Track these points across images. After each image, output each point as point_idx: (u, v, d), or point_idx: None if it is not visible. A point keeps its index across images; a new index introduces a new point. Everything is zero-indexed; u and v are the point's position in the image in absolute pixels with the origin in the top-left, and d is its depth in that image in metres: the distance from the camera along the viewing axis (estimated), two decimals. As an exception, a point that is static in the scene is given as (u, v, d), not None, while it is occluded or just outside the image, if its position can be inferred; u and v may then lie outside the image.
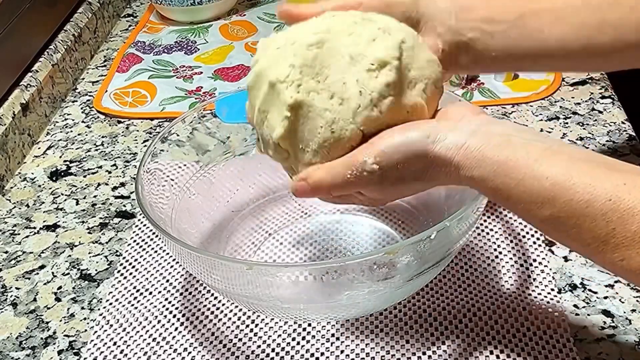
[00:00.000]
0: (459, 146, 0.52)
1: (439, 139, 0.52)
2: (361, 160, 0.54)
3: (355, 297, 0.62)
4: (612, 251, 0.46)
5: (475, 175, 0.51)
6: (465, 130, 0.53)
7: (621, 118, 0.90)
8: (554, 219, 0.48)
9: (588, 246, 0.48)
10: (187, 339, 0.68)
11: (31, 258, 0.80)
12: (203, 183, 0.78)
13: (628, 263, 0.46)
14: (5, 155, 0.92)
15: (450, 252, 0.64)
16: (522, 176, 0.49)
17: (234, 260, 0.65)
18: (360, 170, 0.54)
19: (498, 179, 0.50)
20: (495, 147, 0.51)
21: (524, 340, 0.64)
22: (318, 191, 0.57)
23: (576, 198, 0.47)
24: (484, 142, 0.51)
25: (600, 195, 0.47)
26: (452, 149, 0.52)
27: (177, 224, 0.71)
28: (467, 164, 0.51)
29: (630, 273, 0.46)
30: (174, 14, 1.25)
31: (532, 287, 0.69)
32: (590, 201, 0.47)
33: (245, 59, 1.13)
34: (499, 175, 0.50)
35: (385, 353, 0.65)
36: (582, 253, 0.49)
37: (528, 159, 0.49)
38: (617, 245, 0.46)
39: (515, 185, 0.49)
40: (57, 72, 1.07)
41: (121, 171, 0.93)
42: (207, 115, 0.79)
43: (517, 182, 0.49)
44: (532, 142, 0.51)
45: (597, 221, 0.46)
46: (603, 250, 0.47)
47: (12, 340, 0.71)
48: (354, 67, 0.54)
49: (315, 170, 0.56)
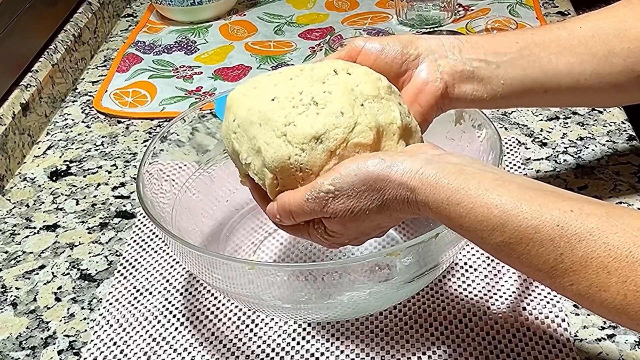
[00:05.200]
0: (415, 171, 0.53)
1: (395, 164, 0.54)
2: (319, 182, 0.56)
3: (355, 298, 0.62)
4: (562, 276, 0.47)
5: (430, 200, 0.52)
6: (421, 158, 0.54)
7: (621, 118, 0.91)
8: (504, 245, 0.49)
9: (539, 271, 0.48)
10: (187, 339, 0.68)
11: (31, 258, 0.80)
12: (203, 182, 0.78)
13: (577, 288, 0.47)
14: (5, 155, 0.92)
15: (451, 254, 0.64)
16: (473, 205, 0.50)
17: (234, 259, 0.65)
18: (317, 192, 0.56)
19: (451, 207, 0.51)
20: (449, 174, 0.52)
21: (524, 341, 0.64)
22: (283, 212, 0.59)
23: (524, 224, 0.48)
24: (439, 170, 0.52)
25: (548, 221, 0.48)
26: (407, 173, 0.53)
27: (177, 223, 0.71)
28: (423, 190, 0.52)
29: (580, 297, 0.47)
30: (174, 14, 1.25)
31: (532, 287, 0.69)
32: (539, 227, 0.48)
33: (245, 59, 1.13)
34: (452, 203, 0.51)
35: (385, 353, 0.65)
36: (535, 278, 0.50)
37: (479, 188, 0.50)
38: (565, 271, 0.47)
39: (467, 213, 0.50)
40: (57, 72, 1.07)
41: (121, 171, 0.92)
42: (207, 115, 0.79)
43: (468, 210, 0.50)
44: (484, 172, 0.52)
45: (545, 247, 0.47)
46: (553, 275, 0.48)
47: (12, 340, 0.70)
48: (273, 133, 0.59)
49: (282, 195, 0.59)
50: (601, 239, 0.46)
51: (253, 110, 0.60)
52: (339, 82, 0.60)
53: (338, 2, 1.28)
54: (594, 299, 0.47)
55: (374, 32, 1.08)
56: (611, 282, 0.45)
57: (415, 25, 1.16)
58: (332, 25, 1.20)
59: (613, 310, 0.46)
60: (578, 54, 0.66)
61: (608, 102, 0.82)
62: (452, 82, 0.64)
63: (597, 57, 0.66)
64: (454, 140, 0.74)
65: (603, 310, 0.47)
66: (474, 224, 0.50)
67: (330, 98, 0.58)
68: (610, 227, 0.46)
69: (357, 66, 0.62)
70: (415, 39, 0.65)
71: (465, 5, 1.20)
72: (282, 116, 0.58)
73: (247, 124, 0.60)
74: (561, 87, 0.67)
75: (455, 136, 0.73)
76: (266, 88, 0.61)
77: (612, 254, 0.46)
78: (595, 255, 0.46)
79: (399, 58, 0.64)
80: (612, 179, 0.81)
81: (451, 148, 0.74)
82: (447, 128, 0.74)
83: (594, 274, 0.46)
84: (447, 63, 0.64)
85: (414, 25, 1.16)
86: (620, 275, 0.45)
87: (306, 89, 0.59)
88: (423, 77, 0.64)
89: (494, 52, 0.65)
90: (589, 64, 0.66)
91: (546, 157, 0.85)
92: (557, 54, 0.66)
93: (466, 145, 0.72)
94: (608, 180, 0.81)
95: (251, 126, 0.60)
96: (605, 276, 0.46)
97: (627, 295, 0.45)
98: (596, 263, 0.46)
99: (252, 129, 0.59)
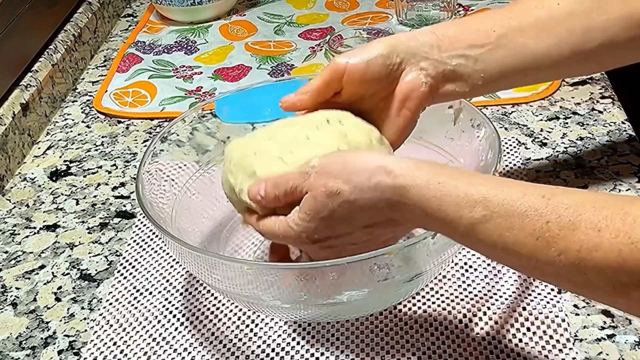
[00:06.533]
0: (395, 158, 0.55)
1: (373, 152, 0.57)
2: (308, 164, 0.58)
3: (355, 297, 0.62)
4: (549, 247, 0.46)
5: (408, 184, 0.52)
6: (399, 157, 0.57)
7: (621, 118, 0.91)
8: (486, 220, 0.49)
9: (524, 246, 0.47)
10: (187, 339, 0.68)
11: (31, 258, 0.80)
12: (203, 183, 0.78)
13: (566, 257, 0.46)
14: (5, 155, 0.92)
15: (451, 253, 0.64)
16: (455, 183, 0.51)
17: (234, 259, 0.65)
18: (303, 171, 0.57)
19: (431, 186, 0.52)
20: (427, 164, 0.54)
21: (524, 340, 0.64)
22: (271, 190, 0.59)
23: (508, 197, 0.48)
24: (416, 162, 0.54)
25: (532, 193, 0.48)
26: (387, 157, 0.56)
27: (177, 224, 0.71)
28: (402, 173, 0.53)
29: (571, 268, 0.46)
30: (174, 14, 1.25)
31: (532, 287, 0.69)
32: (523, 199, 0.48)
33: (245, 59, 1.13)
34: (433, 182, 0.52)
35: (385, 353, 0.65)
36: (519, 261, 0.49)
37: (461, 176, 0.52)
38: (552, 239, 0.46)
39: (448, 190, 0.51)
40: (57, 72, 1.07)
41: (121, 171, 0.93)
42: (207, 115, 0.79)
43: (450, 188, 0.51)
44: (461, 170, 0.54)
45: (530, 217, 0.47)
46: (539, 248, 0.47)
47: (12, 340, 0.71)
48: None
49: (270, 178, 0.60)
50: (590, 203, 0.46)
51: (249, 148, 0.63)
52: (332, 130, 0.62)
53: (338, 2, 1.28)
54: (586, 264, 0.45)
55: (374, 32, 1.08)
56: (603, 239, 0.44)
57: (415, 25, 1.15)
58: (332, 25, 1.20)
59: (609, 272, 0.44)
60: (556, 35, 0.65)
61: (591, 71, 0.88)
62: (436, 84, 0.65)
63: (576, 34, 0.65)
64: (453, 140, 0.74)
65: (599, 278, 0.45)
66: (455, 200, 0.50)
67: (325, 138, 0.61)
68: (598, 196, 0.46)
69: (349, 116, 0.64)
70: (396, 42, 0.65)
71: (465, 5, 1.20)
72: (278, 149, 0.61)
73: (242, 159, 0.63)
74: (541, 68, 0.67)
75: (454, 135, 0.73)
76: (262, 134, 0.64)
77: (602, 212, 0.45)
78: (584, 217, 0.45)
79: (385, 71, 0.64)
80: (612, 179, 0.80)
81: (450, 147, 0.74)
82: (446, 128, 0.74)
83: (583, 235, 0.45)
84: (429, 65, 0.64)
85: (414, 25, 1.16)
86: (612, 230, 0.44)
87: (300, 133, 0.62)
88: (408, 84, 0.64)
89: (472, 45, 0.65)
90: (566, 43, 0.65)
91: (546, 157, 0.85)
92: (535, 37, 0.65)
93: (465, 145, 0.72)
94: (608, 180, 0.81)
95: (246, 159, 0.62)
96: (596, 235, 0.44)
97: (621, 250, 0.44)
98: (585, 224, 0.45)
99: (247, 160, 0.62)
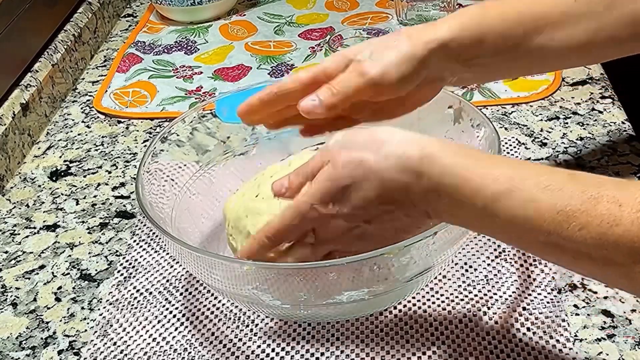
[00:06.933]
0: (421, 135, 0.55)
1: None
2: None
3: (355, 298, 0.62)
4: (569, 221, 0.47)
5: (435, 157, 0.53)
6: None
7: (621, 118, 0.90)
8: (508, 192, 0.49)
9: (544, 221, 0.48)
10: (187, 339, 0.68)
11: (31, 258, 0.80)
12: (203, 183, 0.78)
13: (587, 231, 0.46)
14: (5, 155, 0.92)
15: (451, 253, 0.64)
16: (477, 159, 0.52)
17: (234, 260, 0.65)
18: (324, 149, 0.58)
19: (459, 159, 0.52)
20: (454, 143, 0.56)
21: (524, 340, 0.64)
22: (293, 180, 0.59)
23: (533, 172, 0.50)
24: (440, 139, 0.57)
25: (558, 171, 0.49)
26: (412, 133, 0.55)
27: (177, 224, 0.71)
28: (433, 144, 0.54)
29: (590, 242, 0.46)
30: (174, 14, 1.25)
31: (532, 287, 0.69)
32: (549, 172, 0.49)
33: (245, 59, 1.13)
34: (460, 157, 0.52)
35: (385, 353, 0.65)
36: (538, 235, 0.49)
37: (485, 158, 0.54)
38: (574, 213, 0.47)
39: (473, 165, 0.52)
40: (57, 72, 1.07)
41: (121, 171, 0.93)
42: (207, 115, 0.79)
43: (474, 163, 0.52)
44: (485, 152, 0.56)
45: (552, 191, 0.48)
46: (560, 221, 0.47)
47: (12, 340, 0.71)
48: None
49: None
50: (611, 181, 0.48)
51: (240, 210, 0.67)
52: None
53: (338, 2, 1.28)
54: (607, 239, 0.46)
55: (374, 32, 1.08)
56: (624, 214, 0.45)
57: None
58: (332, 25, 1.20)
59: (630, 246, 0.45)
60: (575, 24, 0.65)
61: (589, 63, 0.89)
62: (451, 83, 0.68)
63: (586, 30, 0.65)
64: (453, 140, 0.74)
65: (619, 254, 0.46)
66: (480, 172, 0.51)
67: None
68: (620, 180, 0.48)
69: None
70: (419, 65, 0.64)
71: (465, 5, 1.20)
72: (265, 207, 0.64)
73: (237, 222, 0.67)
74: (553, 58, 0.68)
75: (454, 135, 0.73)
76: (251, 190, 0.68)
77: (623, 187, 0.46)
78: (605, 193, 0.46)
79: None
80: (612, 179, 0.80)
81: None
82: (446, 127, 0.74)
83: (604, 209, 0.46)
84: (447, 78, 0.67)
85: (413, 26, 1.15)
86: (633, 205, 0.45)
87: None
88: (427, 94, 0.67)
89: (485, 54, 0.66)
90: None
91: (546, 157, 0.85)
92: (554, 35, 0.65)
93: (465, 145, 0.72)
94: (608, 180, 0.80)
95: (240, 221, 0.66)
96: (617, 209, 0.45)
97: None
98: (607, 199, 0.46)
99: (241, 223, 0.66)
